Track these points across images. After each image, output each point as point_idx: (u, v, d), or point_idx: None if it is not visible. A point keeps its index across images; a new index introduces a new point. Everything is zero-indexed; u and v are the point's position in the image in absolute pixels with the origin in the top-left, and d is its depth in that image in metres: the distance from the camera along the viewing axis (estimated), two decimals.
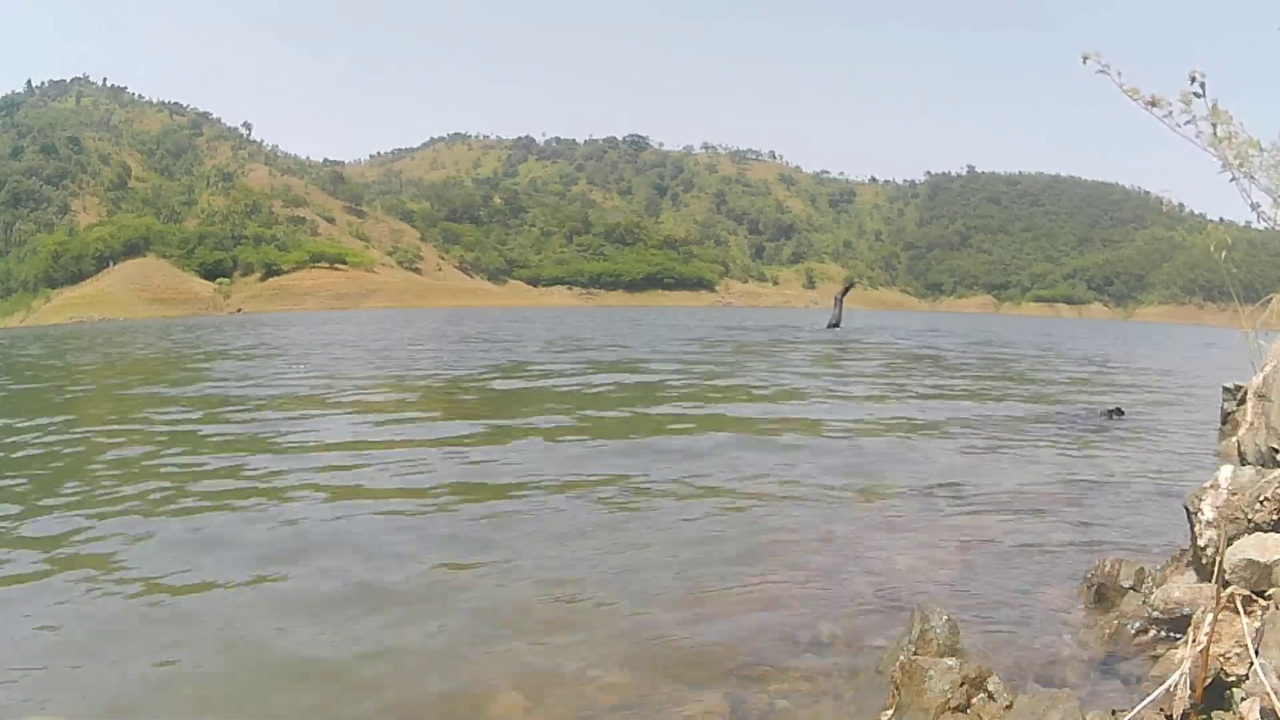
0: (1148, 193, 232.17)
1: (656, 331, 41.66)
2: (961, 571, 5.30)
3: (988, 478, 8.06)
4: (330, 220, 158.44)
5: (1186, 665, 2.82)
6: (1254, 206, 3.64)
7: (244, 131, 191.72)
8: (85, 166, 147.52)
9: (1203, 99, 3.44)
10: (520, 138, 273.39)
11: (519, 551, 5.74)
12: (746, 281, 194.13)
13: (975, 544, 5.85)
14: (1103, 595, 4.49)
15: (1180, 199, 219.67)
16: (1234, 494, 3.72)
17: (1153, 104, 3.46)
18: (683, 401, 13.96)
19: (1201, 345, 43.18)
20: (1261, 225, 3.73)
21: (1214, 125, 3.48)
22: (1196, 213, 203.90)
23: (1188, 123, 3.47)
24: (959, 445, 9.94)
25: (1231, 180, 3.60)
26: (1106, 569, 4.54)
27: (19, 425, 11.63)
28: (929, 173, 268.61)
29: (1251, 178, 3.58)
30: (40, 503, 7.18)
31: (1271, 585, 3.18)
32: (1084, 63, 3.46)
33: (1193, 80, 3.43)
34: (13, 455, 9.49)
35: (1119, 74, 3.46)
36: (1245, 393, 8.79)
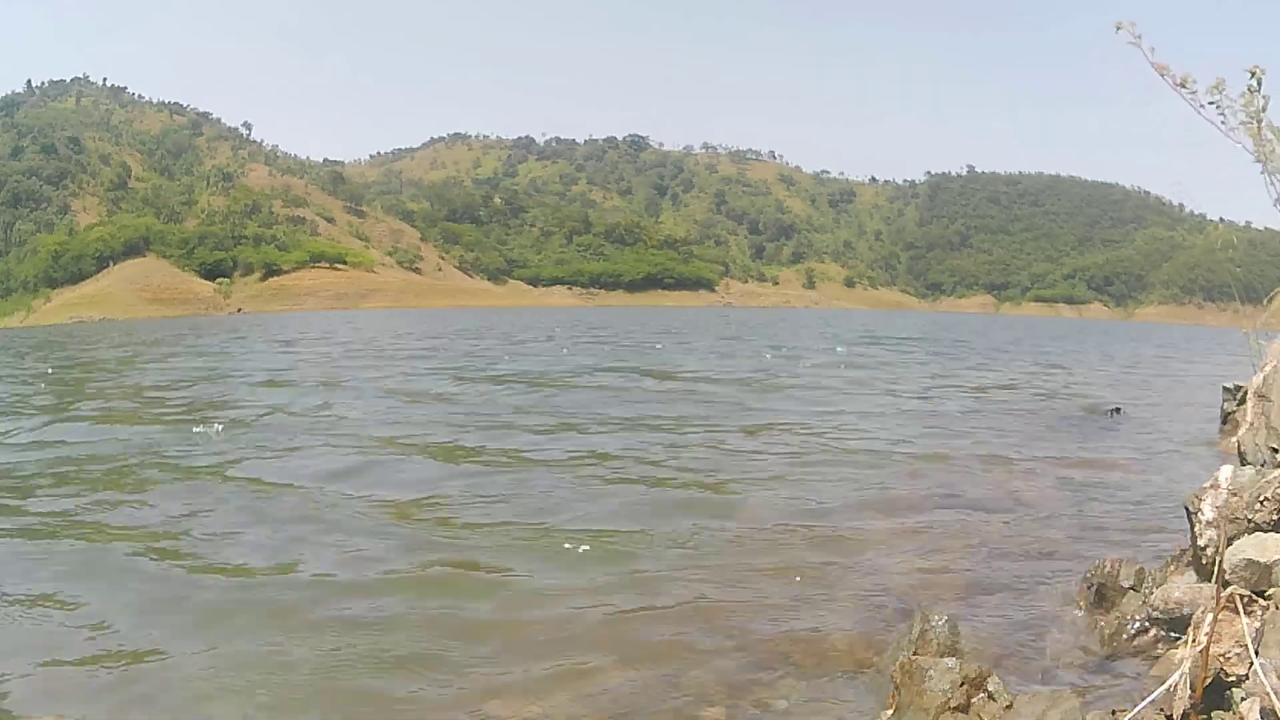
0: (1148, 193, 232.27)
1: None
2: (961, 571, 5.30)
3: (987, 477, 8.06)
4: (330, 220, 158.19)
5: (1186, 665, 2.82)
6: (1278, 203, 3.59)
7: (244, 131, 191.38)
8: (85, 166, 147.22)
9: (1258, 93, 3.40)
10: (520, 138, 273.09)
11: (515, 556, 5.75)
12: (747, 281, 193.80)
13: (975, 544, 5.85)
14: (1103, 595, 4.49)
15: (1183, 198, 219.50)
16: (1234, 494, 3.72)
17: (1182, 84, 3.43)
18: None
19: (1202, 345, 43.18)
20: (1274, 222, 3.68)
21: (1257, 119, 3.43)
22: (1196, 213, 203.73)
23: (1212, 103, 3.43)
24: (959, 446, 9.93)
25: (1263, 173, 3.56)
26: (1106, 569, 4.54)
27: None
28: (929, 173, 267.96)
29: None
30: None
31: (1271, 585, 3.17)
32: (1117, 31, 3.41)
33: (1251, 75, 3.40)
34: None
35: (1151, 50, 3.42)
36: (1245, 393, 8.77)
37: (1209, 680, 2.77)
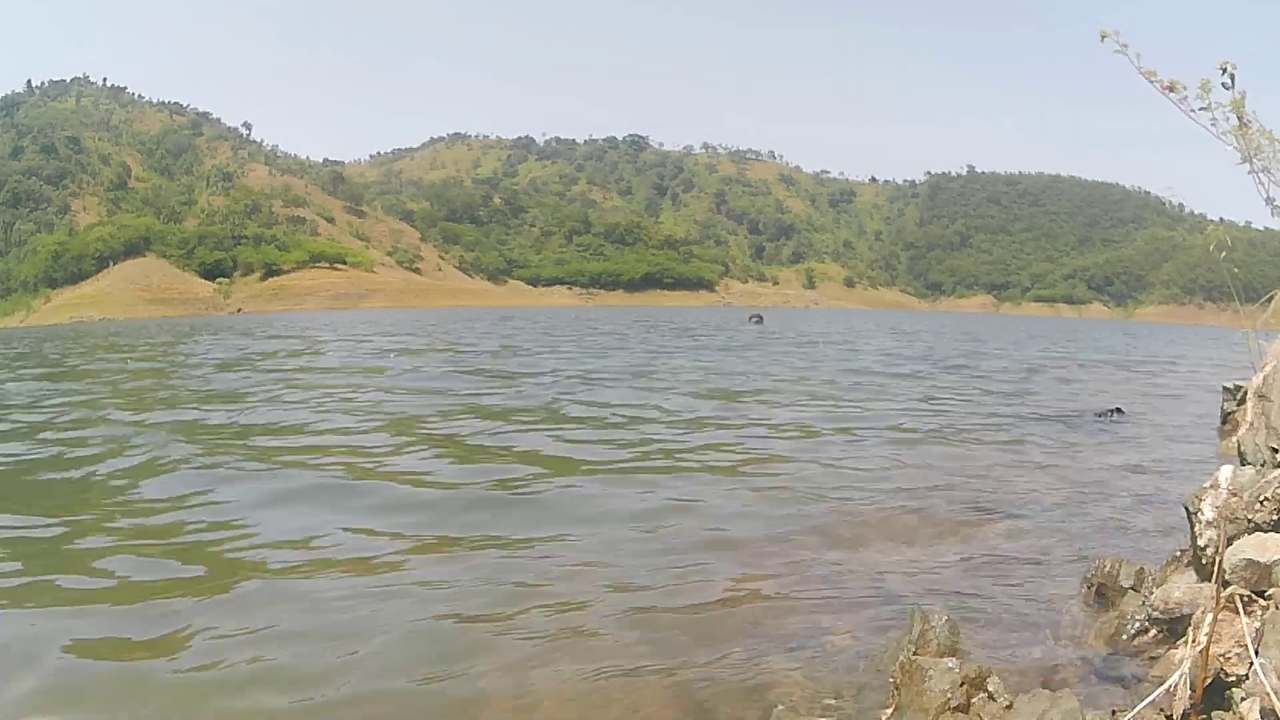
0: (1148, 192, 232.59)
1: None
2: (961, 572, 5.30)
3: (987, 478, 8.06)
4: (330, 220, 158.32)
5: (1186, 665, 2.82)
6: (1269, 201, 3.60)
7: (244, 131, 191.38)
8: (85, 166, 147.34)
9: (1231, 90, 3.40)
10: (520, 137, 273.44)
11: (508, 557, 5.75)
12: (746, 281, 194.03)
13: (975, 544, 5.85)
14: (1103, 595, 4.49)
15: (1180, 199, 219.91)
16: (1234, 494, 3.72)
17: (1170, 89, 3.43)
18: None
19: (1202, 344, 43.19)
20: (1274, 222, 3.69)
21: (1239, 116, 3.43)
22: (1196, 212, 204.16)
23: (1203, 108, 3.43)
24: (958, 446, 9.93)
25: (1250, 173, 3.56)
26: (1106, 569, 4.54)
27: None
28: (929, 172, 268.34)
29: (1267, 170, 3.54)
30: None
31: (1271, 585, 3.18)
32: (1102, 40, 3.42)
33: (1223, 71, 3.40)
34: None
35: (1138, 56, 3.42)
36: (1245, 393, 8.76)
37: (1209, 680, 2.78)
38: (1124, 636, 4.03)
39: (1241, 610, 2.97)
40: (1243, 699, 2.69)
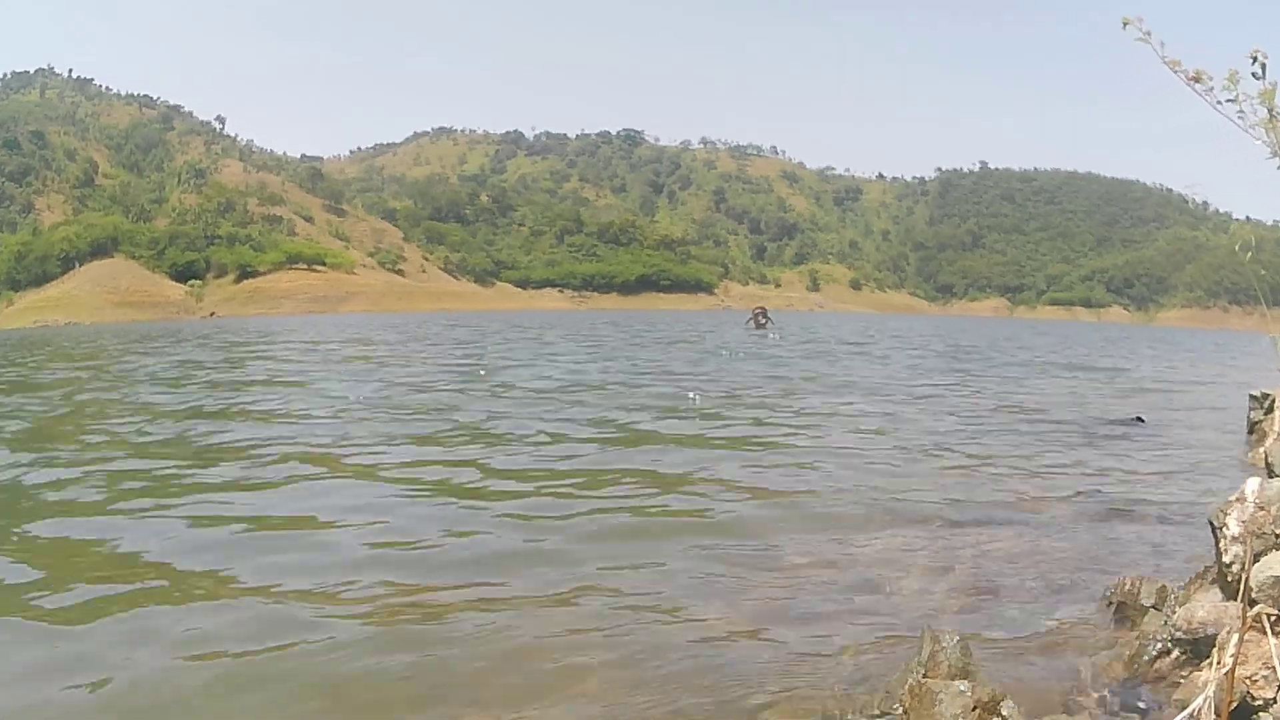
0: (1170, 190, 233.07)
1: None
2: (974, 589, 5.29)
3: (1001, 489, 8.07)
4: (308, 219, 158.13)
5: (1211, 688, 2.82)
6: None
7: (217, 126, 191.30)
8: (50, 162, 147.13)
9: (1262, 80, 3.40)
10: (508, 132, 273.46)
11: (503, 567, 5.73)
12: (747, 284, 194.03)
13: (989, 560, 5.85)
14: (1123, 614, 4.48)
15: (1205, 197, 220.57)
16: (1261, 508, 3.72)
17: (1195, 79, 3.43)
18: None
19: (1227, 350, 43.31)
20: None
21: (1269, 109, 3.43)
22: (1221, 211, 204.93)
23: (1230, 100, 3.44)
24: (973, 454, 9.94)
25: (1279, 168, 3.57)
26: (1127, 587, 4.54)
27: None
28: (939, 169, 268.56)
29: None
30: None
31: None
32: (1124, 28, 3.42)
33: (1253, 60, 3.40)
34: None
35: (1162, 44, 3.42)
36: (1273, 401, 8.78)
37: (1234, 704, 2.77)
38: (1145, 658, 4.02)
39: (1269, 630, 2.97)
40: None
